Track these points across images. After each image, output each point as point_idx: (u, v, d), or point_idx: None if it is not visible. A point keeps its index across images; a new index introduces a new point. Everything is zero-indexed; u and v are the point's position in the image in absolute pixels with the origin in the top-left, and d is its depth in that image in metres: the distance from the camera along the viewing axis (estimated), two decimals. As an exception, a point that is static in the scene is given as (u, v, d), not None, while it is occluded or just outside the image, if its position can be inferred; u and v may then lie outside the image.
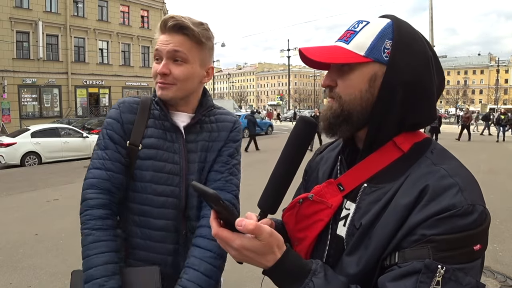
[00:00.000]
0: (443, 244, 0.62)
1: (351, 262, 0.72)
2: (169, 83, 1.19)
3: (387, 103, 0.74)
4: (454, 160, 0.74)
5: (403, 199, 0.69)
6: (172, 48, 1.16)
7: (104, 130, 1.25)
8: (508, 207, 6.02)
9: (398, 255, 0.66)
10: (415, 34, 0.76)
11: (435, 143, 0.79)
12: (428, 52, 0.76)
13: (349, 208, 0.78)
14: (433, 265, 0.61)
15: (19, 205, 6.27)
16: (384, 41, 0.74)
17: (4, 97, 20.85)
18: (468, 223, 0.63)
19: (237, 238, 0.64)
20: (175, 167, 1.23)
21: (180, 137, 1.25)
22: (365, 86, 0.75)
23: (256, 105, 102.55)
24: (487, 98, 73.56)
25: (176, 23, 1.16)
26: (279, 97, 67.84)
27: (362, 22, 0.78)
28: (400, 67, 0.73)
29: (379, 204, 0.72)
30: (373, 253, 0.69)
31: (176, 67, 1.18)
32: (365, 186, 0.76)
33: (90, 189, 1.18)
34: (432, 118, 0.78)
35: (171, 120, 1.24)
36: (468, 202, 0.64)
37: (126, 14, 26.58)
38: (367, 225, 0.72)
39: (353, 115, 0.77)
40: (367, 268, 0.70)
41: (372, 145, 0.78)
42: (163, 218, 1.22)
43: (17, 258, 4.08)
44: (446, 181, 0.67)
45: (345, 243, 0.76)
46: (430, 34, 19.44)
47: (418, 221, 0.65)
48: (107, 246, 1.11)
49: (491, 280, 3.51)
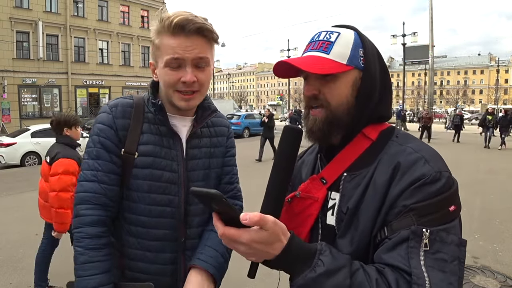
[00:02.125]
0: (423, 210, 0.71)
1: (344, 243, 0.80)
2: (195, 91, 1.12)
3: (365, 104, 0.85)
4: (417, 140, 0.86)
5: (380, 178, 0.78)
6: (198, 55, 1.09)
7: (96, 137, 1.14)
8: (508, 207, 6.02)
9: (386, 229, 0.74)
10: (371, 41, 0.89)
11: (398, 129, 0.91)
12: (380, 54, 0.90)
13: (335, 198, 0.86)
14: (419, 230, 0.70)
15: (19, 205, 6.27)
16: (358, 50, 0.85)
17: (4, 97, 20.85)
18: (439, 188, 0.73)
19: (244, 233, 0.66)
20: (173, 175, 1.17)
21: (178, 143, 1.18)
22: (349, 91, 0.85)
23: (256, 105, 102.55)
24: (487, 98, 73.50)
25: (199, 26, 1.07)
26: (279, 97, 67.77)
27: (333, 33, 0.86)
28: (372, 70, 0.86)
29: (361, 187, 0.80)
30: (363, 231, 0.77)
31: (200, 72, 1.11)
32: (345, 175, 0.84)
33: (83, 204, 1.10)
34: (391, 112, 0.94)
35: (168, 125, 1.17)
36: (435, 169, 0.75)
37: (126, 14, 26.57)
38: (353, 208, 0.80)
39: (343, 119, 0.85)
40: (360, 246, 0.78)
41: (346, 139, 0.88)
42: (161, 228, 1.17)
43: (17, 258, 4.09)
44: (413, 155, 0.78)
45: (337, 230, 0.83)
46: (430, 34, 19.43)
47: (397, 193, 0.74)
48: (100, 267, 1.07)
49: (491, 280, 3.51)
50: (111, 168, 1.13)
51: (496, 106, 36.89)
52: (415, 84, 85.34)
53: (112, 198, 1.13)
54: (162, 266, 1.19)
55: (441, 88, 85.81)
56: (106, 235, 1.12)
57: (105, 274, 1.08)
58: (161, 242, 1.18)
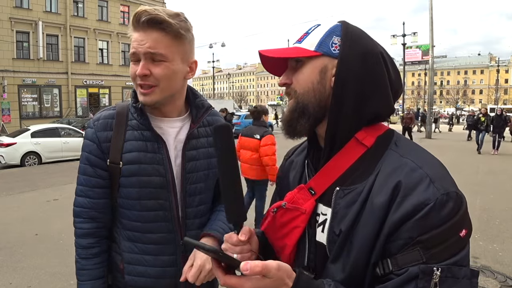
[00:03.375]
0: (431, 241, 0.64)
1: (336, 269, 0.73)
2: (151, 85, 1.09)
3: (340, 95, 0.76)
4: (419, 149, 0.76)
5: (377, 198, 0.69)
6: (148, 49, 1.05)
7: (83, 153, 1.18)
8: (508, 207, 6.02)
9: (390, 263, 0.66)
10: (363, 33, 0.81)
11: (397, 134, 0.81)
12: (378, 48, 0.79)
13: (326, 214, 0.78)
14: (429, 269, 0.62)
15: (19, 205, 6.27)
16: (332, 37, 0.79)
17: (4, 97, 20.84)
18: (447, 214, 0.64)
19: (246, 282, 0.62)
20: (162, 180, 1.16)
21: (163, 146, 1.17)
22: (317, 78, 0.78)
23: (256, 105, 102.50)
24: (487, 98, 73.52)
25: (150, 17, 1.04)
26: (279, 97, 67.75)
27: (314, 26, 0.83)
28: (349, 60, 0.76)
29: (356, 206, 0.72)
30: (357, 257, 0.70)
31: (156, 66, 1.07)
32: (338, 189, 0.76)
33: (77, 217, 1.20)
34: (391, 110, 0.81)
35: (151, 129, 1.15)
36: (441, 191, 0.65)
37: (126, 14, 26.54)
38: (347, 231, 0.72)
39: (308, 106, 0.79)
40: (354, 272, 0.70)
41: (334, 143, 0.79)
42: (157, 232, 1.18)
43: (17, 258, 4.08)
44: (416, 173, 0.68)
45: (328, 250, 0.76)
46: (430, 34, 19.43)
47: (399, 221, 0.66)
48: (90, 275, 1.17)
49: (491, 280, 3.51)
50: (96, 182, 1.17)
51: (496, 106, 36.72)
52: (415, 84, 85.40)
53: (101, 210, 1.18)
54: (161, 269, 1.19)
55: (441, 88, 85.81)
56: (97, 245, 1.19)
57: (96, 281, 1.18)
58: (159, 245, 1.18)
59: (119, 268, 1.21)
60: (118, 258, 1.21)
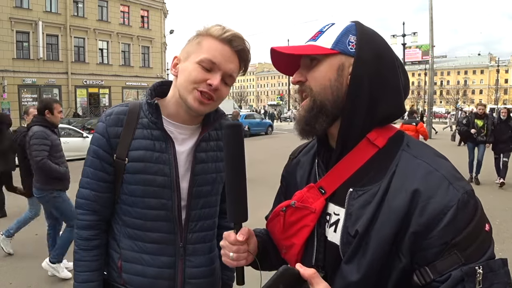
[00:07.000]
0: (465, 241, 0.65)
1: (351, 269, 0.72)
2: (212, 97, 1.12)
3: (356, 93, 0.77)
4: (430, 149, 0.78)
5: (395, 201, 0.69)
6: (232, 72, 1.14)
7: (91, 146, 1.20)
8: (508, 207, 6.03)
9: (430, 270, 0.66)
10: (376, 33, 0.82)
11: (407, 135, 0.82)
12: (392, 52, 0.81)
13: (338, 214, 0.78)
14: (471, 269, 0.64)
15: (19, 205, 6.26)
16: (348, 36, 0.79)
17: (4, 97, 20.87)
18: (471, 212, 0.66)
19: None
20: (166, 179, 1.17)
21: (171, 146, 1.18)
22: (334, 75, 0.78)
23: (256, 105, 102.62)
24: (487, 98, 73.54)
25: (244, 48, 1.14)
26: (279, 97, 67.88)
27: (328, 25, 0.83)
28: (366, 59, 0.77)
29: (371, 207, 0.72)
30: (372, 258, 0.70)
31: (224, 86, 1.15)
32: (351, 190, 0.76)
33: (79, 209, 1.21)
34: (402, 111, 0.82)
35: (162, 128, 1.17)
36: (461, 192, 0.67)
37: (126, 14, 26.60)
38: (363, 232, 0.71)
39: (326, 105, 0.78)
40: (369, 273, 0.70)
41: (346, 143, 0.79)
42: (157, 231, 1.18)
43: (17, 258, 4.09)
44: (433, 176, 0.69)
45: (341, 251, 0.76)
46: (430, 34, 19.42)
47: (424, 225, 0.66)
48: (88, 266, 1.20)
49: (491, 280, 3.50)
50: (102, 176, 1.19)
51: (496, 106, 36.61)
52: (415, 84, 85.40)
53: (104, 204, 1.20)
54: (159, 270, 1.19)
55: (441, 88, 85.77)
56: (97, 237, 1.21)
57: (93, 273, 1.20)
58: (158, 245, 1.19)
59: (116, 266, 1.21)
60: (116, 255, 1.21)
